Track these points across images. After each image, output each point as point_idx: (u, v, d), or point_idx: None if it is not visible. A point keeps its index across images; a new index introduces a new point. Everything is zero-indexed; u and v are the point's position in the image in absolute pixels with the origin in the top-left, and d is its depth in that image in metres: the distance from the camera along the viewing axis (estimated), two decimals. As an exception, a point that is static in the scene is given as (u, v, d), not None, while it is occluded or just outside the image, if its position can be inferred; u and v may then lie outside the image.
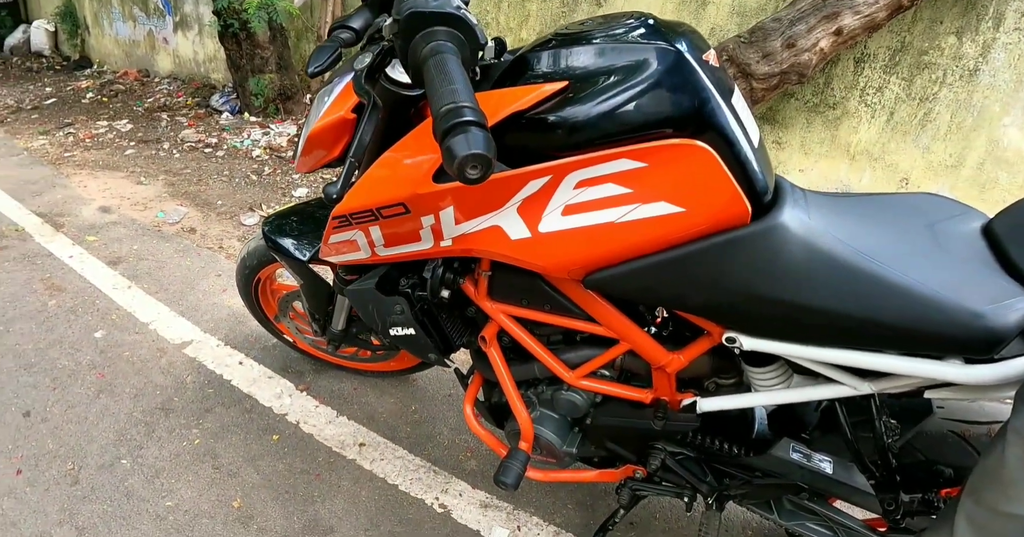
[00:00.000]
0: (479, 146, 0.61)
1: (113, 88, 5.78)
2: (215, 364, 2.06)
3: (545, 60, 0.88)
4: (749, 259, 0.84)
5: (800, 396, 1.01)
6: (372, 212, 0.99)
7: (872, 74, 2.80)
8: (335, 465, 1.68)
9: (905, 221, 0.93)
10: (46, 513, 1.58)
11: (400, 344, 1.23)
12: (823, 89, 2.93)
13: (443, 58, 0.70)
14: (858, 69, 2.83)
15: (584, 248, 0.90)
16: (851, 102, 2.88)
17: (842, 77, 2.87)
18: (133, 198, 3.47)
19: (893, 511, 1.02)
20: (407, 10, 0.73)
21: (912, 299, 0.78)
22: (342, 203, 1.02)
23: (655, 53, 0.81)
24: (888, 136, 2.84)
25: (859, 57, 2.81)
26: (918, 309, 0.78)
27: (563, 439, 1.26)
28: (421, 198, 0.93)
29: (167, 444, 1.76)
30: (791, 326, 0.87)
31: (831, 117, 2.95)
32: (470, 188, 0.88)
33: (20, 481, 1.67)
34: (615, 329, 1.07)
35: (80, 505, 1.60)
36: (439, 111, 0.64)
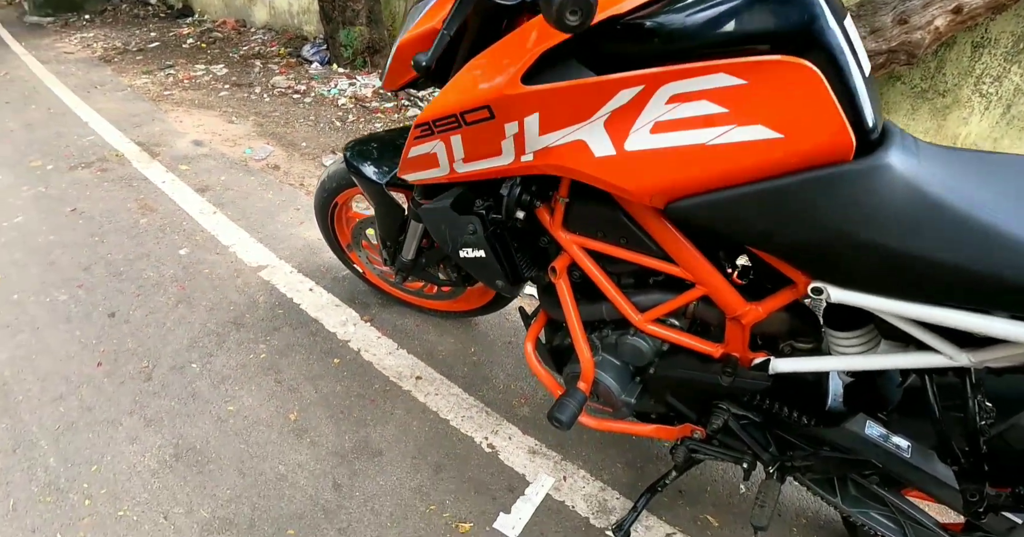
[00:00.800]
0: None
1: (211, 36, 6.02)
2: (287, 288, 2.13)
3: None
4: (849, 199, 0.76)
5: (885, 363, 0.92)
6: (456, 118, 0.96)
7: (991, 61, 2.57)
8: (390, 394, 1.72)
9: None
10: (119, 403, 1.68)
11: (469, 268, 1.22)
12: (934, 74, 2.72)
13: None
14: (976, 55, 2.60)
15: (670, 171, 0.84)
16: (964, 90, 2.66)
17: (956, 62, 2.65)
18: (224, 135, 3.61)
19: (976, 503, 0.91)
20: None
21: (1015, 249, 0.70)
22: (426, 109, 1.01)
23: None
24: (1002, 131, 2.61)
25: (978, 41, 2.58)
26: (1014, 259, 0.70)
27: (623, 387, 1.22)
28: (507, 101, 0.89)
29: (235, 355, 1.84)
30: (888, 276, 0.79)
31: (940, 105, 2.74)
32: (558, 94, 0.85)
33: (99, 373, 1.79)
34: (692, 271, 1.01)
35: (150, 399, 1.69)
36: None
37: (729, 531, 1.43)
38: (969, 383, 0.88)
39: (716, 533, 1.42)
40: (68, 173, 3.11)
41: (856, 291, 0.83)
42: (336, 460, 1.53)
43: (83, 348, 1.88)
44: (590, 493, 1.49)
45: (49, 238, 2.49)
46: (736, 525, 1.44)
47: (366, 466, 1.52)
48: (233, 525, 1.39)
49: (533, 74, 0.86)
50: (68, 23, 7.49)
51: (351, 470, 1.51)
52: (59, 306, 2.07)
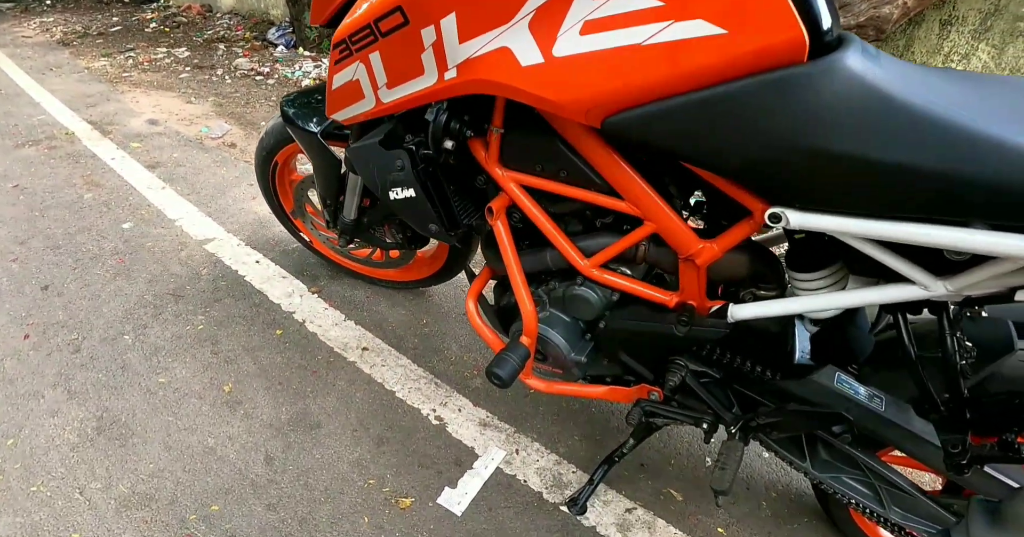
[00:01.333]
0: None
1: (176, 20, 5.86)
2: (232, 260, 2.02)
3: None
4: (804, 104, 0.67)
5: (853, 300, 0.83)
6: (371, 28, 0.88)
7: (959, 39, 2.55)
8: (334, 365, 1.62)
9: (1000, 91, 0.75)
10: (43, 375, 1.57)
11: (400, 212, 1.13)
12: (903, 52, 2.69)
13: None
14: (944, 32, 2.58)
15: (604, 79, 0.75)
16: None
17: (925, 40, 2.62)
18: (181, 114, 3.48)
19: (958, 455, 0.83)
20: None
21: (1010, 153, 0.61)
22: (341, 26, 0.92)
23: None
24: (972, 110, 2.59)
25: (946, 19, 2.56)
26: (1017, 164, 0.61)
27: (572, 345, 1.14)
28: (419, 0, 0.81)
29: (171, 326, 1.73)
30: (851, 190, 0.71)
31: (909, 84, 2.72)
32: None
33: (26, 345, 1.67)
34: (639, 204, 0.93)
35: (76, 372, 1.58)
36: None
37: (695, 506, 1.35)
38: (946, 320, 0.80)
39: (680, 508, 1.35)
40: (14, 151, 2.97)
41: (817, 213, 0.74)
42: (270, 433, 1.43)
43: (11, 320, 1.76)
44: (544, 467, 1.41)
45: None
46: (702, 500, 1.37)
47: (302, 439, 1.42)
48: (153, 500, 1.28)
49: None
50: (28, 8, 7.25)
51: (285, 443, 1.41)
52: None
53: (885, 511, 1.03)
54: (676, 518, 1.32)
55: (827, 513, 1.29)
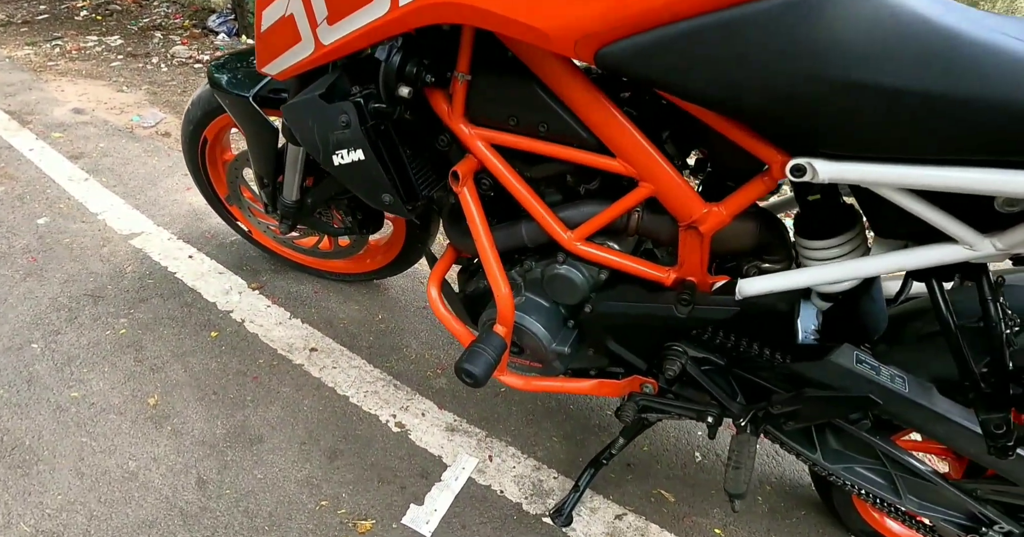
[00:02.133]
0: None
1: (109, 8, 5.49)
2: (162, 256, 1.80)
3: None
4: (838, 28, 0.56)
5: (884, 265, 0.72)
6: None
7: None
8: (278, 369, 1.42)
9: None
10: (-71, 394, 1.33)
11: (348, 180, 0.95)
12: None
13: None
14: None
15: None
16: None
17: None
18: (110, 103, 3.20)
19: (1003, 436, 0.72)
20: None
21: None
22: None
23: None
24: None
25: None
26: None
27: (554, 334, 0.98)
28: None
29: (88, 331, 1.51)
30: (895, 129, 0.59)
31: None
32: None
33: (-89, 360, 1.43)
34: (634, 161, 0.79)
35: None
36: None
37: (688, 506, 1.23)
38: (987, 285, 0.69)
39: (673, 510, 1.22)
40: (-83, 143, 2.66)
41: (850, 161, 0.63)
42: (203, 451, 1.23)
43: (-103, 334, 1.51)
44: (522, 474, 1.25)
45: None
46: (695, 499, 1.24)
47: (241, 456, 1.23)
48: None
49: None
50: (-54, -2, 6.73)
51: (221, 462, 1.21)
52: None
53: (900, 500, 0.94)
54: (670, 522, 1.20)
55: (827, 503, 1.20)
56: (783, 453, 1.32)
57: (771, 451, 1.35)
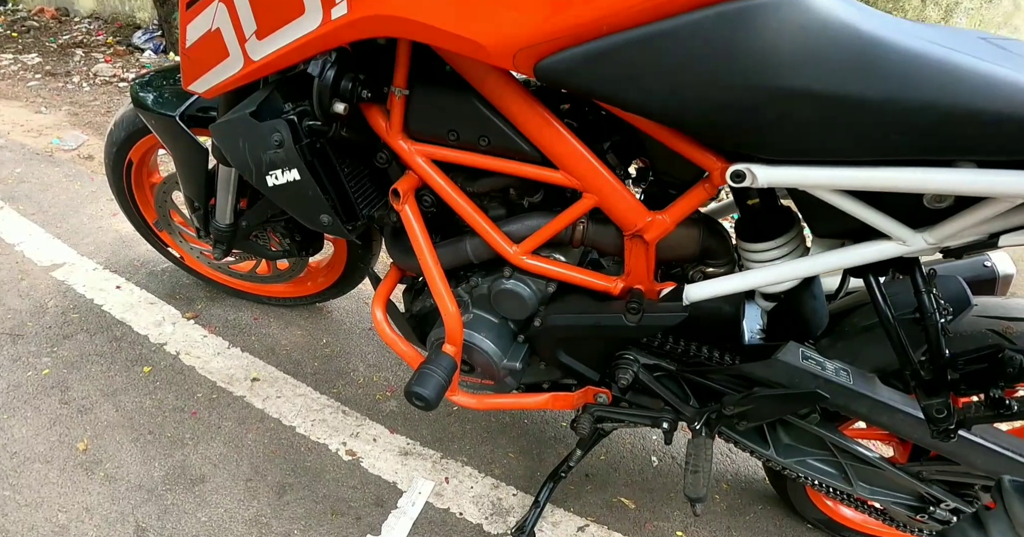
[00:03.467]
0: None
1: (26, 25, 5.20)
2: (87, 288, 1.69)
3: None
4: (771, 37, 0.58)
5: (823, 264, 0.75)
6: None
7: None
8: (217, 402, 1.36)
9: (954, 32, 0.70)
10: None
11: (283, 202, 0.91)
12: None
13: None
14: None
15: (540, 9, 0.60)
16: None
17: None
18: (27, 125, 3.02)
19: (945, 419, 0.75)
20: None
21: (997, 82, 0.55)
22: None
23: None
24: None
25: None
26: (1006, 93, 0.54)
27: (504, 351, 0.97)
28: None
29: (7, 374, 1.40)
30: (829, 134, 0.61)
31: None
32: None
33: None
34: (577, 173, 0.79)
35: None
36: None
37: (649, 512, 1.23)
38: (920, 277, 0.73)
39: (635, 516, 1.22)
40: None
41: (787, 165, 0.66)
42: (141, 496, 1.16)
43: None
44: (480, 493, 1.23)
45: None
46: (655, 503, 1.25)
47: (182, 499, 1.16)
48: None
49: None
50: None
51: (161, 507, 1.14)
52: None
53: (851, 488, 0.98)
54: (632, 528, 1.20)
55: (782, 496, 1.24)
56: (736, 451, 1.34)
57: (725, 449, 1.37)
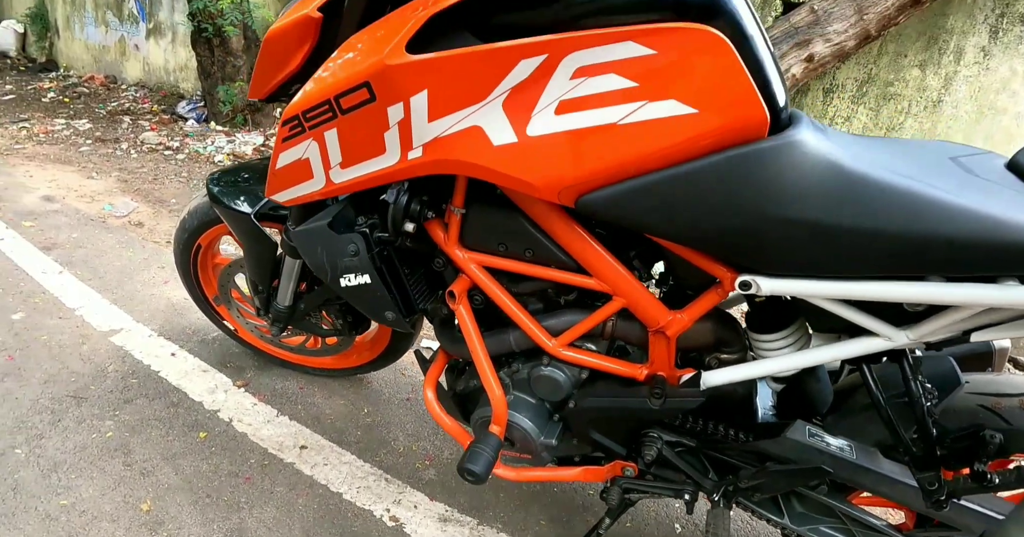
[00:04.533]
0: None
1: (77, 91, 5.57)
2: (143, 354, 1.82)
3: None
4: (771, 176, 0.72)
5: (820, 357, 0.88)
6: (330, 104, 0.82)
7: (841, 104, 2.87)
8: (269, 468, 1.46)
9: (926, 155, 0.83)
10: (-88, 507, 1.31)
11: (353, 299, 1.05)
12: (792, 118, 2.98)
13: None
14: (827, 99, 2.89)
15: (580, 158, 0.76)
16: (821, 132, 2.92)
17: (812, 106, 2.92)
18: (81, 190, 3.23)
19: (936, 491, 0.86)
20: None
21: (958, 211, 0.68)
22: (294, 101, 0.86)
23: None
24: (858, 168, 2.87)
25: (828, 87, 2.88)
26: (965, 221, 0.67)
27: (541, 428, 1.08)
28: (390, 74, 0.77)
29: (73, 435, 1.51)
30: (819, 255, 0.75)
31: (803, 146, 2.98)
32: (449, 64, 0.75)
33: None
34: (608, 280, 0.92)
35: (-46, 500, 1.33)
36: None
37: (668, 581, 1.29)
38: (908, 365, 0.85)
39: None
40: None
41: (787, 278, 0.79)
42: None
43: None
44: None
45: None
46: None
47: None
48: None
49: (421, 44, 0.76)
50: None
51: (219, 567, 1.23)
52: None
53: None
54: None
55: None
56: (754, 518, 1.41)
57: (744, 517, 1.43)
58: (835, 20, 2.61)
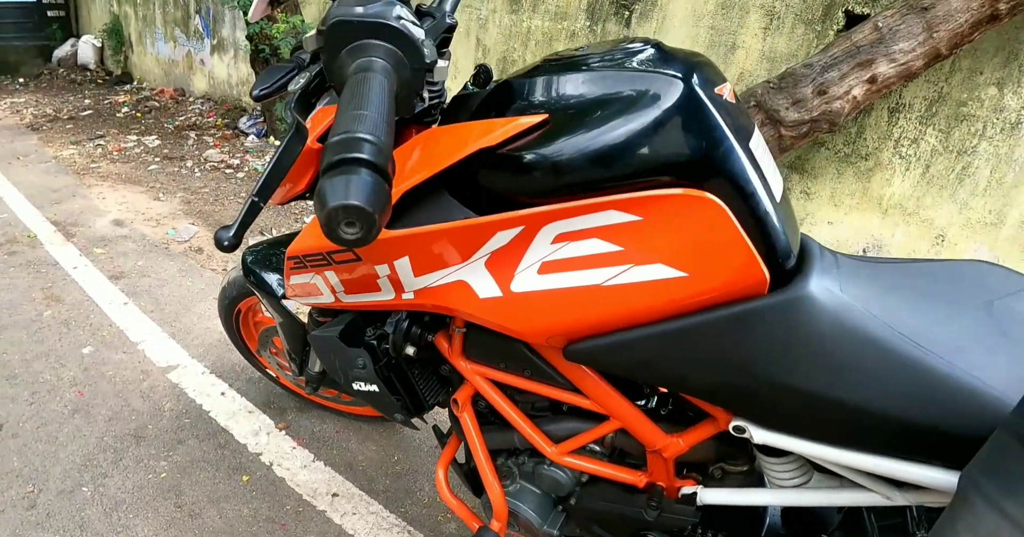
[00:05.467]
0: (361, 196, 0.44)
1: (148, 104, 5.89)
2: (196, 393, 1.97)
3: (527, 89, 0.75)
4: (766, 337, 0.69)
5: (820, 499, 0.86)
6: (323, 256, 0.89)
7: (907, 125, 2.68)
8: (303, 515, 1.56)
9: (956, 296, 0.77)
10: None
11: (364, 400, 1.12)
12: (855, 139, 2.81)
13: (366, 77, 0.56)
14: (893, 119, 2.70)
15: (564, 313, 0.76)
16: (884, 153, 2.74)
17: (876, 127, 2.75)
18: (148, 213, 3.45)
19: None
20: (332, 19, 0.60)
21: (967, 397, 0.62)
22: (295, 242, 0.93)
23: (656, 83, 0.68)
24: (923, 190, 2.69)
25: (894, 107, 2.69)
26: (973, 410, 0.62)
27: (544, 518, 1.12)
28: (371, 246, 0.80)
29: (132, 475, 1.66)
30: (812, 420, 0.73)
31: (863, 168, 2.81)
32: (427, 238, 0.77)
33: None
34: (604, 404, 0.94)
35: (32, 532, 1.49)
36: (331, 140, 0.50)
37: None
38: (910, 518, 0.81)
39: None
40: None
41: (780, 433, 0.76)
42: (237, 603, 1.36)
43: (-39, 469, 1.67)
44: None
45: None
46: None
47: (271, 609, 1.35)
48: None
49: (399, 213, 0.78)
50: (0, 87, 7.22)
51: (253, 615, 1.34)
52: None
53: None
54: None
55: None
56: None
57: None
58: (901, 38, 2.43)
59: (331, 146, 0.49)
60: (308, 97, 0.77)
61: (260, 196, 0.76)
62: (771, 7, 2.86)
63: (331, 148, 0.48)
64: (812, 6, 2.75)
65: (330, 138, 0.49)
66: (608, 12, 3.32)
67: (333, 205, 0.44)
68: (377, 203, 0.45)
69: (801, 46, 2.81)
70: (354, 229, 0.45)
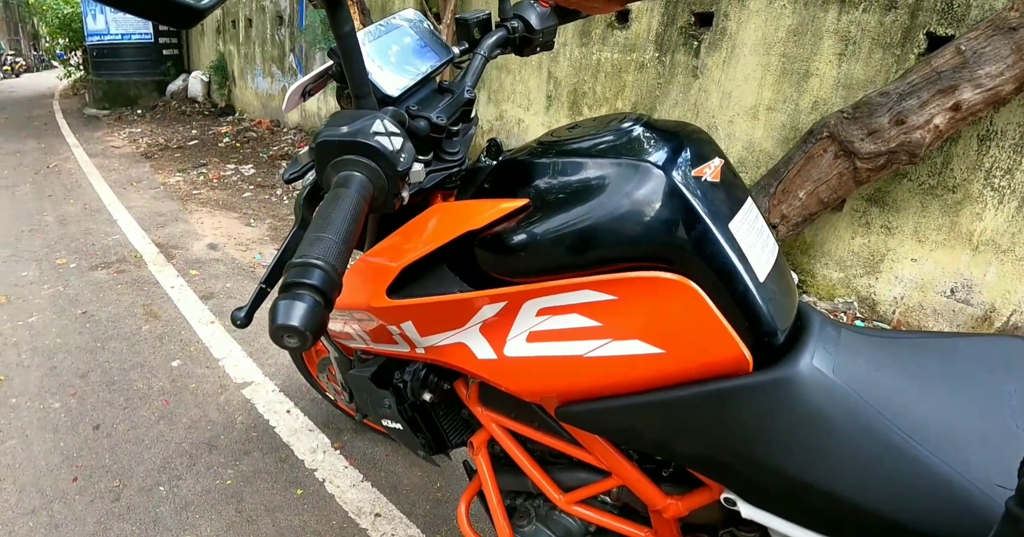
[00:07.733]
0: (299, 320, 0.51)
1: (247, 134, 6.42)
2: (265, 409, 2.12)
3: (515, 171, 0.81)
4: (748, 416, 0.68)
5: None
6: (348, 311, 0.97)
7: (1000, 154, 2.47)
8: (346, 532, 1.66)
9: (972, 379, 0.72)
10: (84, 523, 1.66)
11: (393, 435, 1.19)
12: (941, 170, 2.62)
13: (337, 194, 0.62)
14: (983, 148, 2.50)
15: (553, 379, 0.79)
16: (974, 185, 2.54)
17: (964, 157, 2.55)
18: (239, 238, 3.75)
19: None
20: (319, 139, 0.67)
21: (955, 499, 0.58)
22: None
23: (633, 172, 0.70)
24: (1020, 225, 2.47)
25: (983, 135, 2.49)
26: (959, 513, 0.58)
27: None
28: (378, 312, 0.89)
29: (202, 479, 1.81)
30: (794, 503, 0.70)
31: (950, 201, 2.62)
32: (424, 307, 0.84)
33: (73, 488, 1.78)
34: (605, 461, 0.96)
35: (114, 522, 1.67)
36: (291, 261, 0.56)
37: None
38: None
39: None
40: (88, 273, 3.25)
41: (768, 512, 0.73)
42: (282, 609, 1.45)
43: (64, 460, 1.89)
44: None
45: (56, 341, 2.57)
46: None
47: (311, 618, 1.43)
48: None
49: (402, 283, 0.86)
50: (121, 117, 8.07)
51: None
52: (50, 414, 2.10)
53: None
54: None
55: None
56: None
57: None
58: (987, 62, 2.27)
59: (288, 268, 0.56)
60: (316, 191, 0.88)
61: (268, 283, 0.90)
62: (846, 32, 2.76)
63: (288, 270, 0.56)
64: (890, 29, 2.63)
65: (292, 258, 0.57)
66: (677, 43, 3.32)
67: (278, 324, 0.52)
68: (312, 324, 0.53)
69: (879, 71, 2.68)
70: (293, 341, 0.53)
